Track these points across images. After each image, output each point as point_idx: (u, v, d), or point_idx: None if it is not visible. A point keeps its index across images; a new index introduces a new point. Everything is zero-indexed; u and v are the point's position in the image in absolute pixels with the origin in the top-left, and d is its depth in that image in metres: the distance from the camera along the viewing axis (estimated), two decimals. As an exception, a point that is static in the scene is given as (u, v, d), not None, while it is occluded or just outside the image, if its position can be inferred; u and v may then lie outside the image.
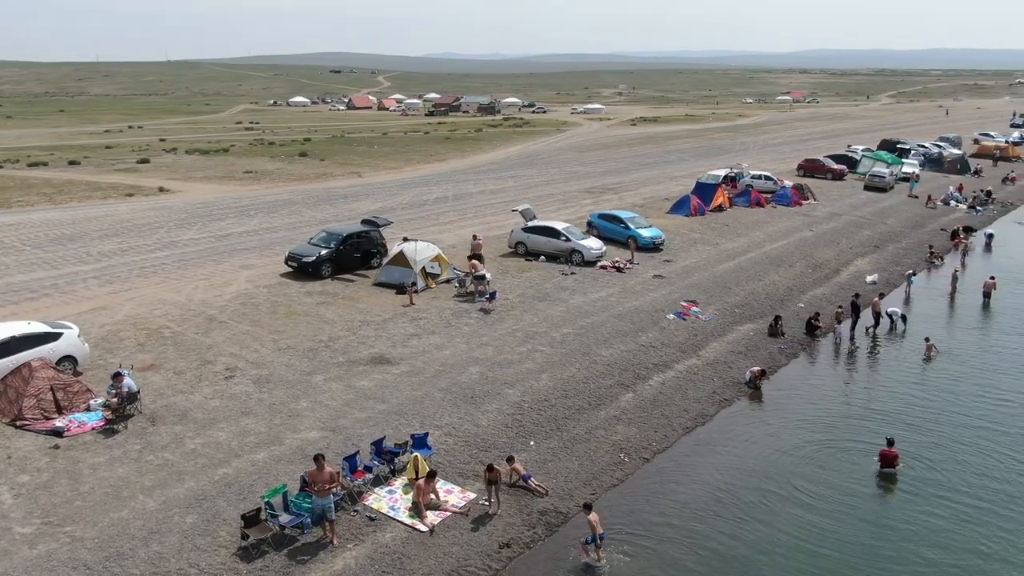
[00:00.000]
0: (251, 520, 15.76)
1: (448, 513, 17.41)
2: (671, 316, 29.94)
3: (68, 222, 42.97)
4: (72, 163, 68.16)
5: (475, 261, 32.01)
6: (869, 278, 36.52)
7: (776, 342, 28.91)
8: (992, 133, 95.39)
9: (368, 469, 18.12)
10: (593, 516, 16.40)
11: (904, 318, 30.69)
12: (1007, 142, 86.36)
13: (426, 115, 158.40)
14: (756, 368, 25.50)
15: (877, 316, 30.34)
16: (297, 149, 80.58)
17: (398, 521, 17.04)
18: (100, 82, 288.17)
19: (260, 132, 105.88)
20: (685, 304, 31.11)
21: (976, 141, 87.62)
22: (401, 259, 31.18)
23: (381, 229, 34.38)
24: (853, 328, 30.19)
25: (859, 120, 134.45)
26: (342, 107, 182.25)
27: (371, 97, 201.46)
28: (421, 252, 31.37)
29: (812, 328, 29.93)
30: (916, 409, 23.97)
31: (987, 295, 34.32)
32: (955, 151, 76.63)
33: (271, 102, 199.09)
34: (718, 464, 20.56)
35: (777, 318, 29.92)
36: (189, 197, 52.38)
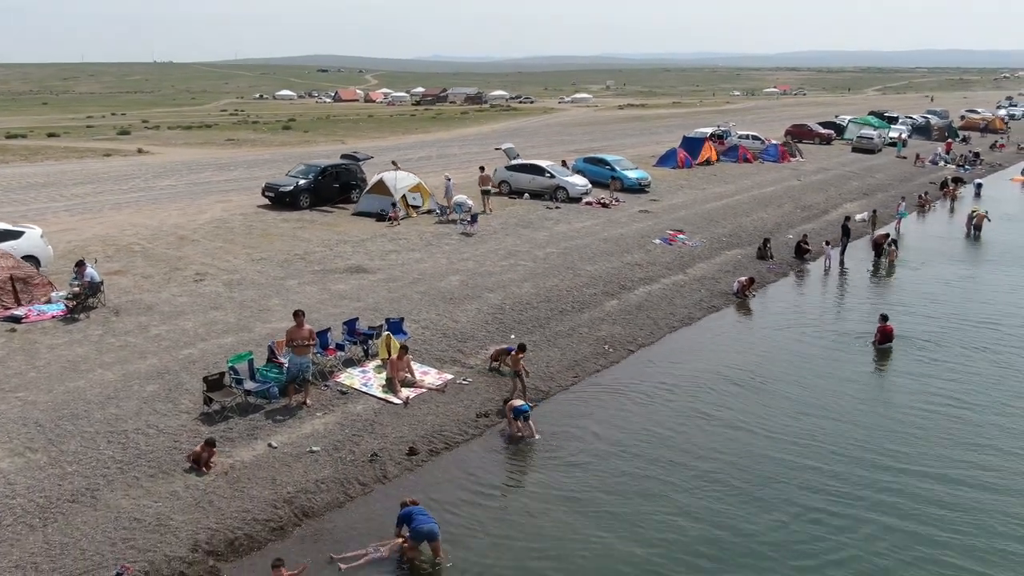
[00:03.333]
0: (215, 384, 14.98)
1: (423, 390, 16.66)
2: (657, 241, 29.29)
3: (43, 174, 41.96)
4: (51, 135, 66.94)
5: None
6: (859, 216, 35.94)
7: (765, 264, 28.28)
8: (979, 109, 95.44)
9: (340, 348, 17.35)
10: (515, 401, 15.53)
11: (895, 242, 30.11)
12: (993, 116, 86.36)
13: (413, 105, 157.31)
14: (744, 278, 24.85)
15: (879, 248, 29.60)
16: (281, 125, 79.63)
17: (370, 395, 16.29)
18: (85, 81, 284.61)
19: (245, 117, 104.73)
20: (671, 232, 30.47)
21: (963, 117, 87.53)
22: (381, 187, 30.44)
23: (361, 163, 33.62)
24: (843, 252, 29.61)
25: (846, 106, 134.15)
26: (329, 100, 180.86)
27: (358, 91, 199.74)
28: (401, 180, 30.66)
29: (801, 252, 29.30)
30: (914, 313, 23.42)
31: (978, 228, 34.15)
32: (942, 121, 76.48)
33: (257, 96, 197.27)
34: (706, 351, 19.90)
35: (766, 240, 29.33)
36: (168, 158, 51.37)
